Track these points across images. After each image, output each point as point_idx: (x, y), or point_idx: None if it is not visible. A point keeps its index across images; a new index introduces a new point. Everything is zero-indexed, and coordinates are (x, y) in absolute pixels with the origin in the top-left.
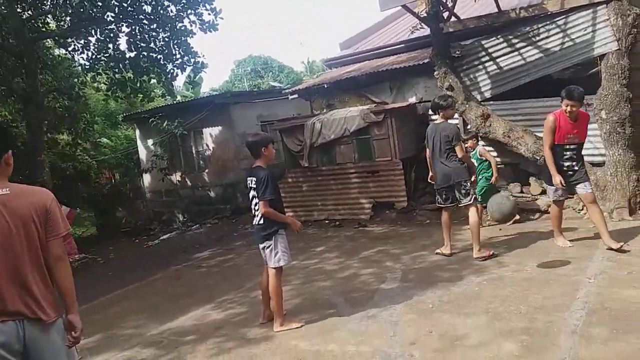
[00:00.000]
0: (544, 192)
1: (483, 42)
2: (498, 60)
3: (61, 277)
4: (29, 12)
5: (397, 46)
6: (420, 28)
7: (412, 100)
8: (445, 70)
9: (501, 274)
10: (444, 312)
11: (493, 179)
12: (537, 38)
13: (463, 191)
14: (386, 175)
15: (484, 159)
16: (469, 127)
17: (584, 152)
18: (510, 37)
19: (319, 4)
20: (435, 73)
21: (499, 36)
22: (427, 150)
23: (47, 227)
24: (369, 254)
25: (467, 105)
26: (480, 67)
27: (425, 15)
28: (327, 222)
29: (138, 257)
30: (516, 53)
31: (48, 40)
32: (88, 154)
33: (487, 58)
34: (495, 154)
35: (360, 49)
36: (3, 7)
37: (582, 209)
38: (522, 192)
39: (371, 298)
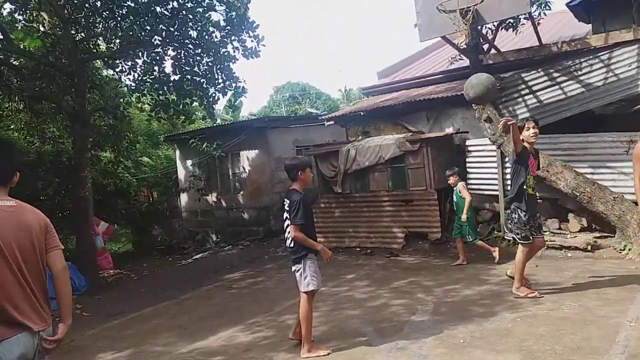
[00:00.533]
0: (582, 230)
1: (523, 75)
2: (538, 93)
3: (65, 286)
4: (82, 34)
5: (436, 76)
6: (460, 59)
7: (449, 130)
8: None
9: (536, 311)
10: (475, 347)
11: (463, 216)
12: (579, 72)
13: (509, 225)
14: (420, 205)
15: (462, 196)
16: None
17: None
18: (551, 70)
19: (357, 33)
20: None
21: (539, 69)
22: None
23: (47, 239)
24: (400, 284)
25: (505, 138)
26: (520, 100)
27: (464, 46)
28: (358, 249)
29: (171, 276)
30: (557, 87)
31: (97, 61)
32: (129, 171)
33: (526, 91)
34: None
35: (397, 78)
36: (58, 29)
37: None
38: (560, 228)
39: (401, 329)
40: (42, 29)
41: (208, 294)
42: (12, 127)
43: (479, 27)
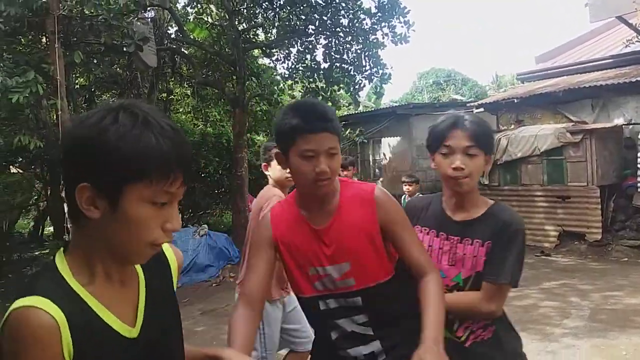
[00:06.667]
0: None
1: None
2: None
3: None
4: (244, 24)
5: (604, 61)
6: (637, 41)
7: (619, 121)
8: None
9: None
10: None
11: None
12: None
13: None
14: (578, 202)
15: None
16: None
17: None
18: None
19: (512, 18)
20: None
21: None
22: None
23: None
24: (551, 285)
25: None
26: None
27: None
28: None
29: None
30: None
31: (256, 50)
32: None
33: None
34: None
35: (558, 63)
36: (224, 20)
37: None
38: None
39: (552, 333)
40: (209, 20)
41: None
42: (180, 110)
43: None
